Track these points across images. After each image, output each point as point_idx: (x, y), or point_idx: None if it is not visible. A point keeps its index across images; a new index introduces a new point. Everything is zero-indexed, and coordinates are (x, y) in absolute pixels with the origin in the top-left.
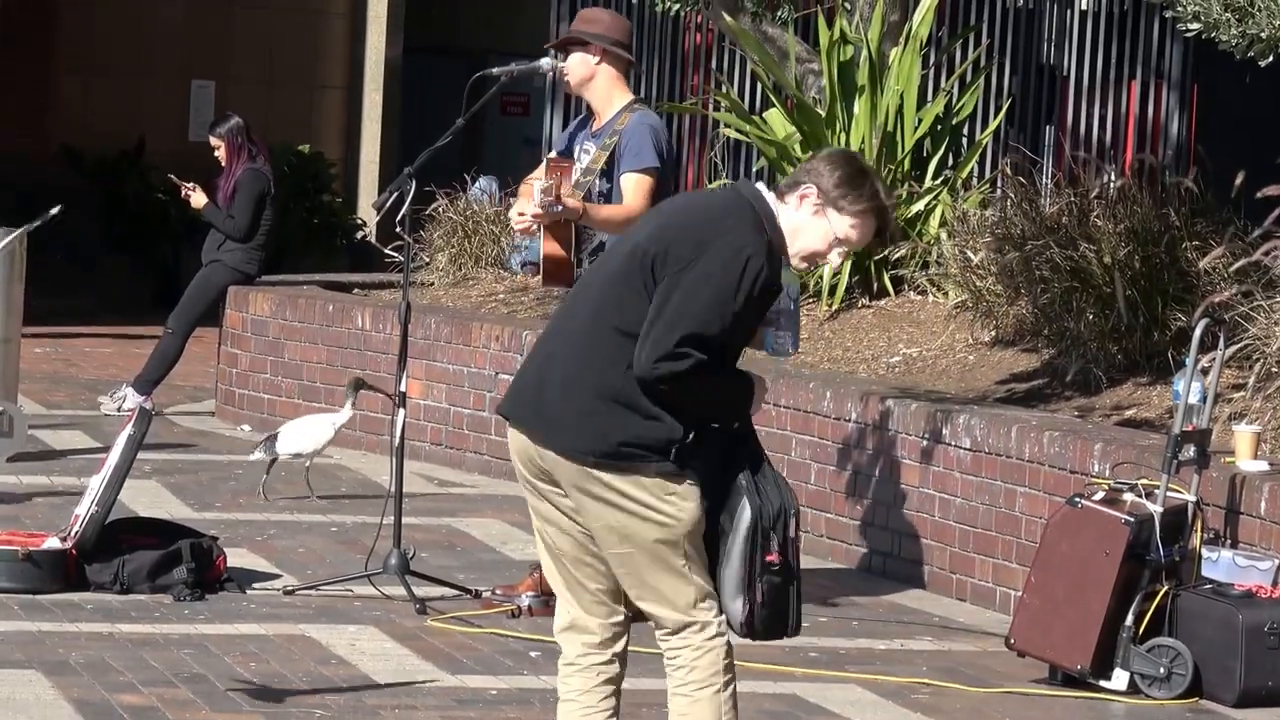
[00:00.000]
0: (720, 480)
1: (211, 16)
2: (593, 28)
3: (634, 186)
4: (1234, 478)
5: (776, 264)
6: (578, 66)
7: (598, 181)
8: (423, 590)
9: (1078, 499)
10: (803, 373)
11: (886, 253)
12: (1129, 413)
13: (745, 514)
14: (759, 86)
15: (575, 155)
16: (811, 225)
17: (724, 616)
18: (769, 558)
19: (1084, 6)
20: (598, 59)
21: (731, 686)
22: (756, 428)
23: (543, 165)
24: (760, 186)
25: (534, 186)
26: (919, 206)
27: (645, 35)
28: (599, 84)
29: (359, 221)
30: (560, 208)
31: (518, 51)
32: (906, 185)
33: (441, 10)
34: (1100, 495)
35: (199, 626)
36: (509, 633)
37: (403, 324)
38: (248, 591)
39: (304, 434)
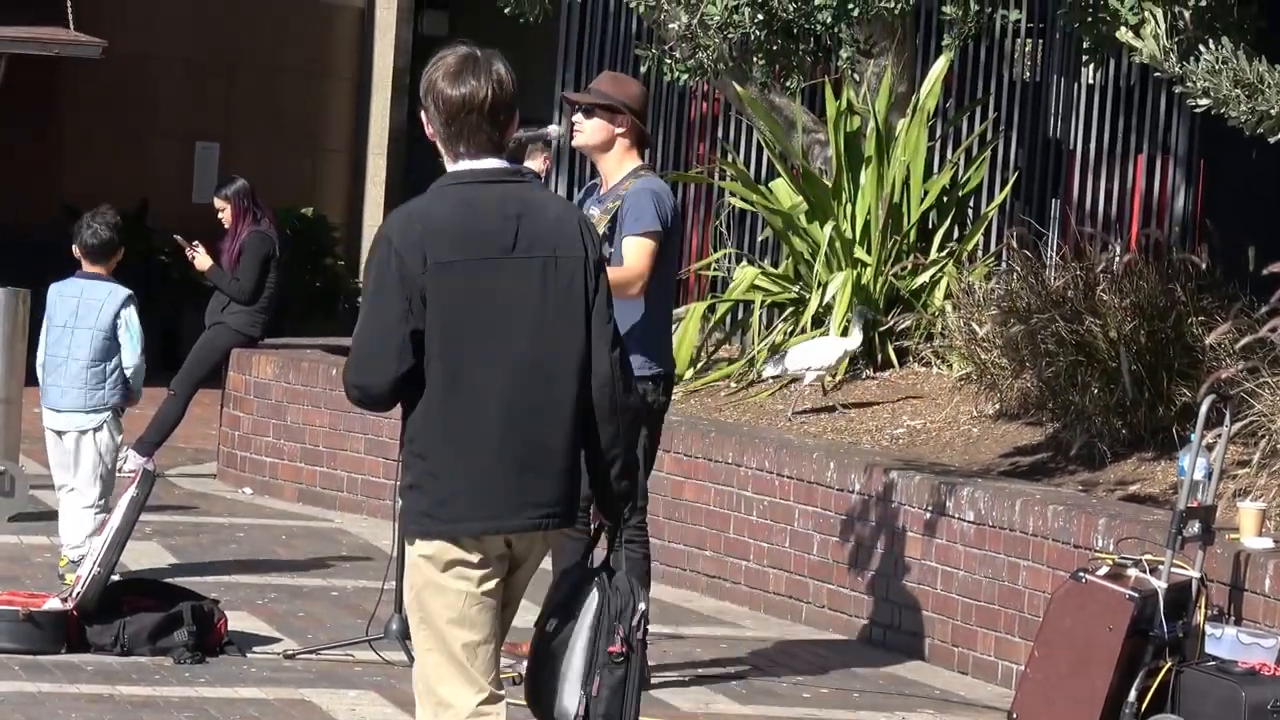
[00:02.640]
0: (570, 575)
1: (216, 79)
2: (623, 97)
3: (635, 249)
4: (1238, 554)
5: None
6: (599, 131)
7: (602, 247)
8: None
9: (1082, 574)
10: (807, 443)
11: (892, 324)
12: (1133, 488)
13: (592, 603)
14: (765, 156)
15: None
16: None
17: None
18: (611, 649)
19: (1090, 80)
20: (623, 129)
21: None
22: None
23: None
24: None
25: None
26: (924, 278)
27: (652, 103)
28: (614, 152)
29: (362, 285)
30: None
31: (522, 117)
32: (912, 257)
33: None
34: (1104, 570)
35: (199, 690)
36: (510, 699)
37: None
38: (248, 655)
39: (813, 352)
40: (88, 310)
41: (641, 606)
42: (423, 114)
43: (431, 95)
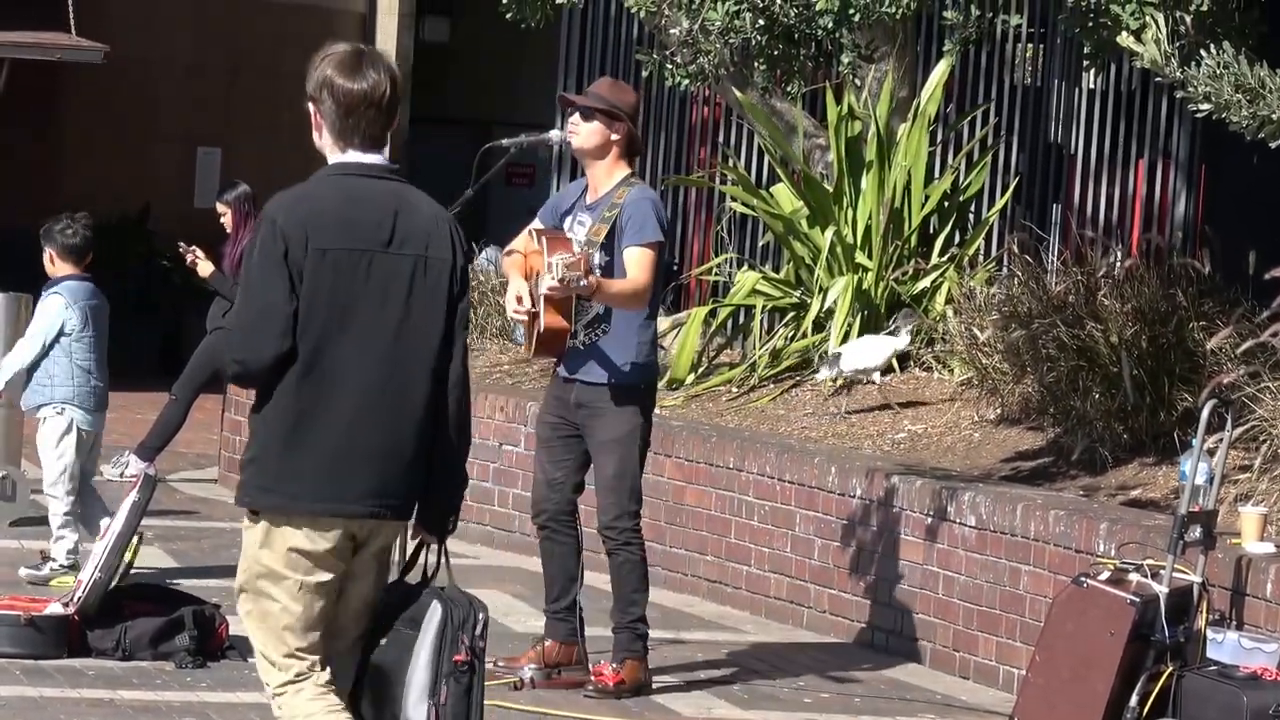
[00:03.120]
0: (402, 587)
1: (217, 84)
2: (621, 104)
3: (640, 260)
4: (1240, 559)
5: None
6: (595, 135)
7: (597, 254)
8: None
9: (1083, 578)
10: (808, 448)
11: (893, 329)
12: (1134, 493)
13: (435, 615)
14: (766, 161)
15: (568, 227)
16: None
17: None
18: (456, 658)
19: (1092, 85)
20: (619, 136)
21: None
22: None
23: (524, 237)
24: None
25: (553, 262)
26: (925, 283)
27: (653, 108)
28: (608, 158)
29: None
30: (585, 281)
31: (523, 122)
32: (913, 262)
33: (446, 80)
34: (1106, 575)
35: (201, 694)
36: (512, 705)
37: None
38: (250, 660)
39: (865, 352)
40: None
41: (482, 616)
42: (311, 106)
43: (327, 89)
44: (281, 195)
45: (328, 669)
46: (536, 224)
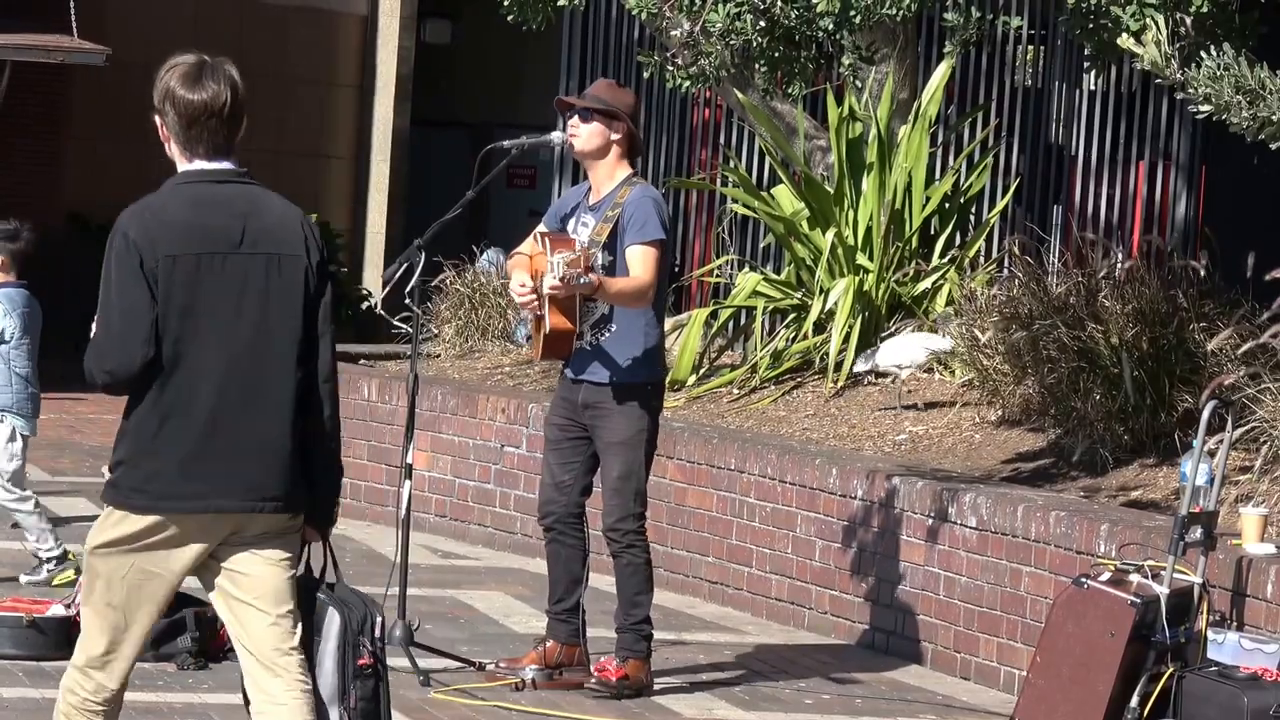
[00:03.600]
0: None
1: None
2: (620, 105)
3: (642, 258)
4: (1240, 560)
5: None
6: (595, 136)
7: (600, 254)
8: (426, 662)
9: (1084, 579)
10: (809, 449)
11: (894, 330)
12: (1135, 494)
13: (334, 622)
14: (767, 162)
15: (571, 228)
16: None
17: None
18: (360, 662)
19: (1092, 87)
20: (619, 136)
21: None
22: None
23: (530, 241)
24: None
25: (554, 261)
26: (926, 284)
27: (654, 110)
28: (609, 159)
29: (365, 292)
30: (585, 280)
31: (525, 124)
32: (914, 263)
33: (449, 82)
34: (1106, 576)
35: (202, 695)
36: (512, 705)
37: (411, 395)
38: None
39: (903, 350)
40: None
41: (379, 618)
42: (157, 118)
43: (170, 101)
44: (131, 208)
45: (110, 689)
46: (542, 228)
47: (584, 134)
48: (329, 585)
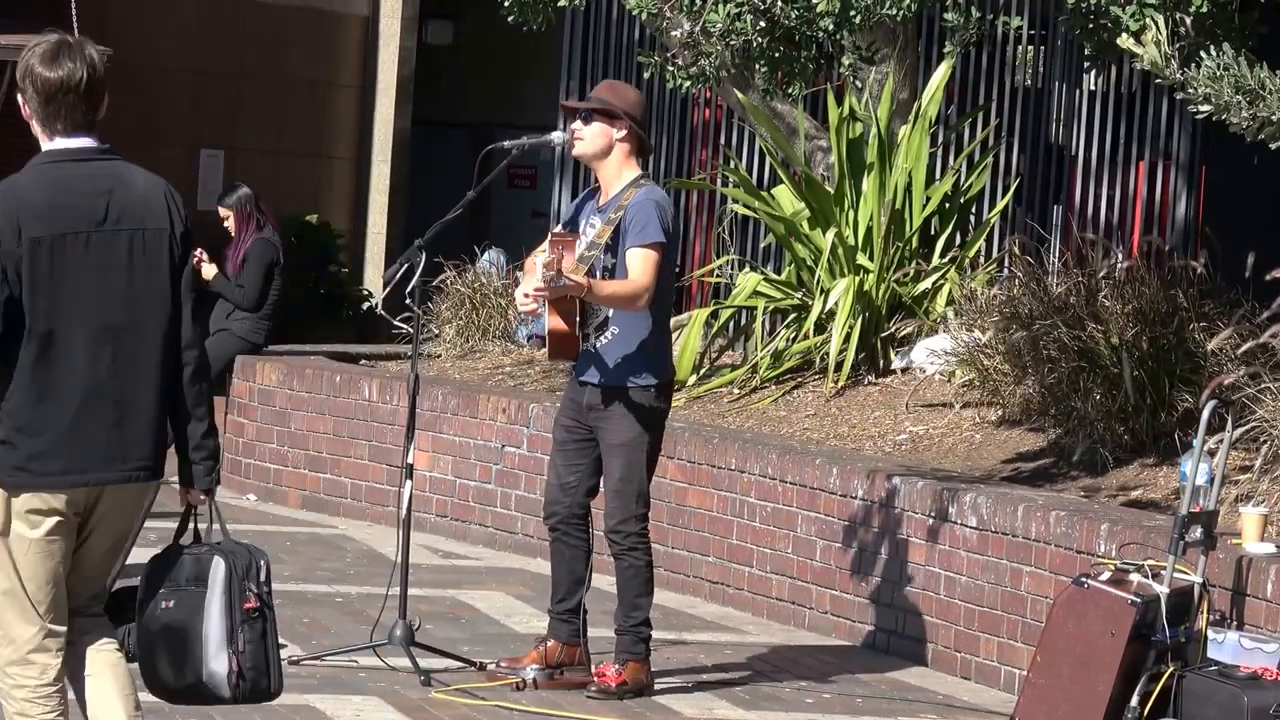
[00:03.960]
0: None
1: (220, 86)
2: (621, 103)
3: (640, 261)
4: (1240, 559)
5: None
6: (598, 138)
7: (603, 256)
8: (427, 662)
9: (1084, 579)
10: (809, 449)
11: (894, 330)
12: (1135, 493)
13: (219, 569)
14: (767, 162)
15: (581, 229)
16: None
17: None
18: (247, 605)
19: (1092, 87)
20: (622, 134)
21: None
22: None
23: (547, 240)
24: None
25: (537, 262)
26: (926, 285)
27: (655, 110)
28: (613, 159)
29: (366, 292)
30: (563, 281)
31: (526, 124)
32: (914, 263)
33: (450, 82)
34: (1106, 576)
35: None
36: (513, 705)
37: (411, 395)
38: None
39: (937, 348)
40: None
41: (264, 563)
42: (20, 97)
43: (30, 79)
44: None
45: (56, 664)
46: (557, 228)
47: (587, 136)
48: (217, 544)
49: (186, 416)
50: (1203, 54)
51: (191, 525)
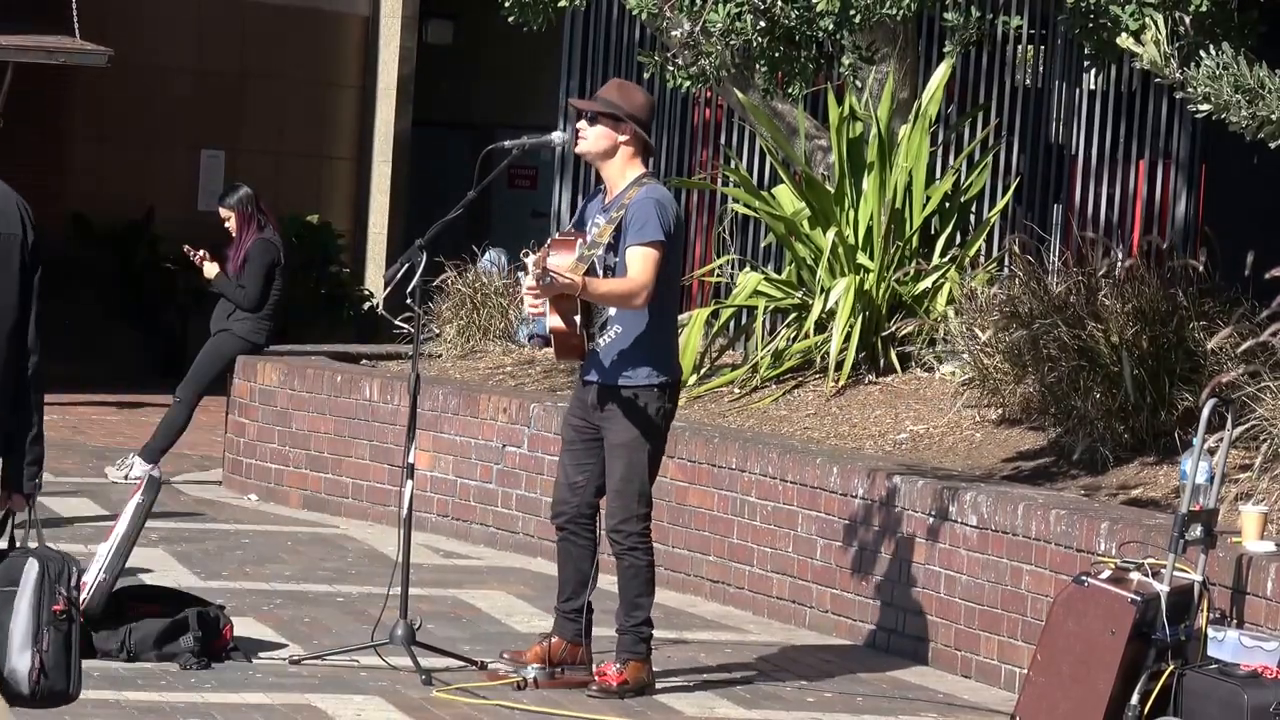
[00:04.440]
0: None
1: (222, 86)
2: (628, 106)
3: (638, 260)
4: (1240, 558)
5: None
6: (601, 140)
7: (604, 255)
8: (428, 661)
9: (1084, 577)
10: (810, 448)
11: (894, 329)
12: (1135, 492)
13: (32, 570)
14: (768, 162)
15: (587, 228)
16: None
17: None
18: (55, 608)
19: (1092, 86)
20: (626, 137)
21: None
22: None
23: (548, 242)
24: None
25: (528, 264)
26: (926, 284)
27: (656, 110)
28: (617, 159)
29: (367, 292)
30: (550, 279)
31: (526, 125)
32: (914, 262)
33: (451, 83)
34: (1106, 574)
35: (205, 695)
36: (514, 705)
37: (412, 395)
38: (254, 661)
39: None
40: None
41: (75, 569)
42: None
43: None
44: None
45: None
46: (570, 225)
47: (590, 137)
48: (32, 549)
49: (22, 420)
50: (1202, 53)
51: (9, 529)
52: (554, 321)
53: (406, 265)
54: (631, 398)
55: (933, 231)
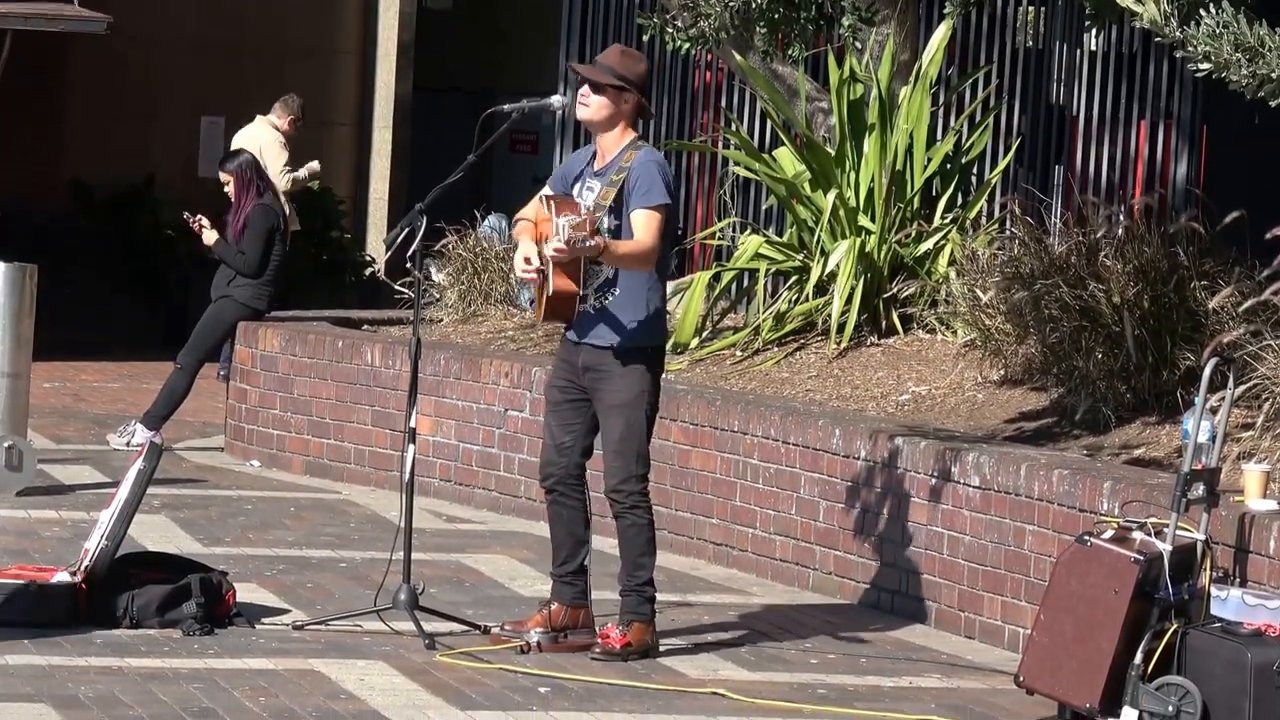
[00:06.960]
0: None
1: (221, 53)
2: (630, 74)
3: (646, 222)
4: (1243, 516)
5: None
6: (604, 108)
7: (606, 218)
8: (432, 626)
9: (1087, 537)
10: (812, 410)
11: (896, 291)
12: (1138, 451)
13: None
14: (769, 125)
15: (577, 192)
16: None
17: None
18: None
19: (1093, 47)
20: (628, 106)
21: None
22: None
23: (536, 202)
24: None
25: (560, 224)
26: (928, 245)
27: (655, 73)
28: (616, 128)
29: (368, 258)
30: (591, 242)
31: (527, 89)
32: (916, 224)
33: (451, 48)
34: (1109, 534)
35: (208, 661)
36: (518, 668)
37: (413, 360)
38: (257, 626)
39: None
40: None
41: None
42: None
43: None
44: None
45: None
46: (546, 191)
47: (593, 105)
48: None
49: None
50: (1202, 12)
51: None
52: (560, 283)
53: (407, 229)
54: (630, 359)
55: (934, 193)
